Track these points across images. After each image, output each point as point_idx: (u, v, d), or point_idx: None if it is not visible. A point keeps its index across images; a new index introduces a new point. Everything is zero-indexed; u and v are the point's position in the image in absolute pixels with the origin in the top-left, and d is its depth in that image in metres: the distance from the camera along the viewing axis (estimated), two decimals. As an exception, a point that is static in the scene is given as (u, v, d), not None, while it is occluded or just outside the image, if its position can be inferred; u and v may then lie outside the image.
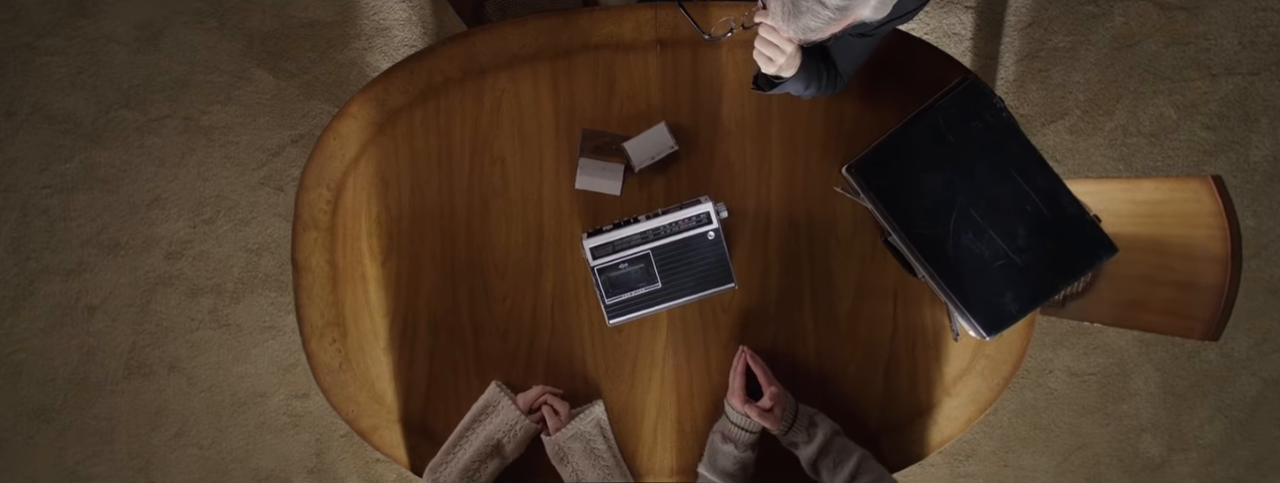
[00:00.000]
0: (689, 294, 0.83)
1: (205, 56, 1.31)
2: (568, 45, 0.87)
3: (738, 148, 0.89)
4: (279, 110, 1.33)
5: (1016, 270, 0.80)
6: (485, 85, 0.87)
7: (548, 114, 0.88)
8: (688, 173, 0.89)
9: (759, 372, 0.83)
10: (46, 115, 1.31)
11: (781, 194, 0.89)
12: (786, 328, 0.89)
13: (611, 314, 0.82)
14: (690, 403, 0.90)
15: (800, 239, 0.89)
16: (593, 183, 0.86)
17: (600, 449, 0.85)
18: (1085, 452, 1.46)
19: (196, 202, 1.33)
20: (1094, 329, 1.42)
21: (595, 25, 0.87)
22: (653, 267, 0.81)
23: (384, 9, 1.33)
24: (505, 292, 0.89)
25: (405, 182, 0.88)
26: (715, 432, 0.84)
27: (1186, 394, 1.44)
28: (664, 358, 0.89)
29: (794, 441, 0.81)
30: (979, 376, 0.90)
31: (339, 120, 0.87)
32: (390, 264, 0.89)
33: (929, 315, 0.90)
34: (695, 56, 0.87)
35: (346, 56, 1.34)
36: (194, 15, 1.31)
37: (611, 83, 0.88)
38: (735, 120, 0.88)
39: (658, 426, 0.89)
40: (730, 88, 0.88)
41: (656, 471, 0.90)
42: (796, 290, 0.89)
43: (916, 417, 0.90)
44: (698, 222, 0.81)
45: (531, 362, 0.89)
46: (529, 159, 0.88)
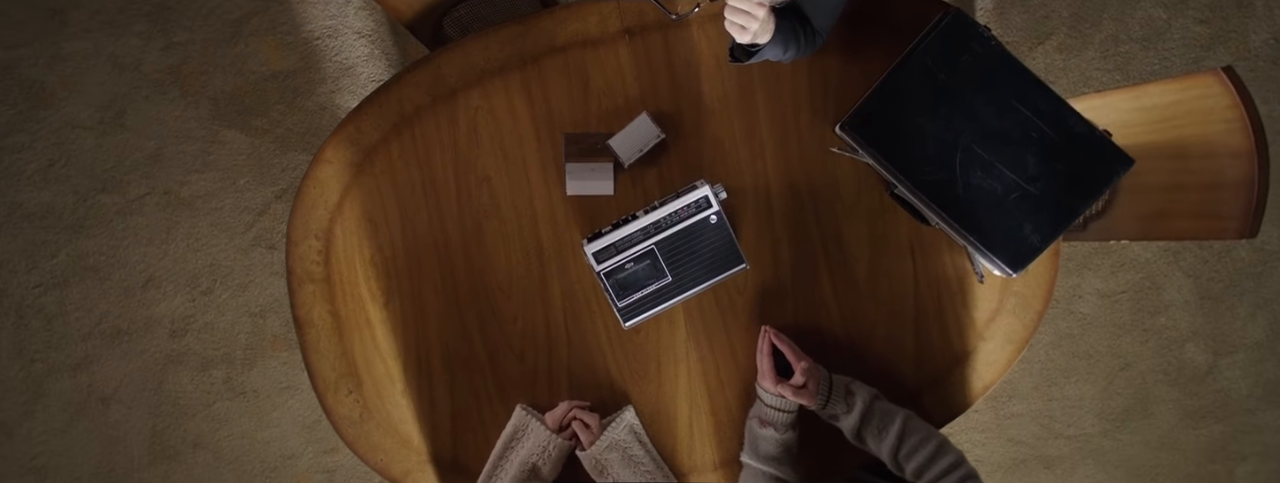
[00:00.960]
0: (701, 283, 0.78)
1: (173, 127, 1.27)
2: (534, 51, 0.83)
3: (725, 125, 0.84)
4: (257, 169, 1.28)
5: (1033, 201, 0.75)
6: (458, 106, 0.83)
7: (526, 125, 0.83)
8: (679, 160, 0.84)
9: (786, 349, 0.78)
10: (25, 213, 1.27)
11: (778, 165, 0.84)
12: (806, 300, 0.85)
13: (626, 316, 0.78)
14: (721, 393, 0.85)
15: (805, 207, 0.84)
16: (584, 187, 0.82)
17: (638, 455, 0.81)
18: (1129, 372, 1.40)
19: (191, 274, 1.29)
20: (1118, 247, 1.36)
21: (558, 26, 0.82)
22: (659, 261, 0.77)
23: (344, 49, 1.29)
24: (514, 312, 0.84)
25: (393, 218, 0.84)
26: (752, 418, 0.80)
27: (1223, 296, 1.38)
28: (687, 352, 0.84)
29: (834, 413, 0.76)
30: (1011, 314, 0.85)
31: (315, 168, 0.83)
32: (393, 305, 0.84)
33: (949, 262, 0.84)
34: (666, 40, 0.82)
35: (315, 102, 1.29)
36: (154, 88, 1.26)
37: (585, 81, 0.83)
38: (718, 98, 0.83)
39: (692, 421, 0.84)
40: (707, 66, 0.83)
41: (699, 467, 0.85)
42: (810, 260, 0.84)
43: (954, 367, 0.85)
44: (697, 207, 0.77)
45: (553, 379, 0.85)
46: (515, 174, 0.84)
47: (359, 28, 1.29)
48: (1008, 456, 1.43)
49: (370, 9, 1.29)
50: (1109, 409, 1.41)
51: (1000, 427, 1.42)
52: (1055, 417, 1.41)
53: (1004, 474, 1.44)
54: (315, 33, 1.28)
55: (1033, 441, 1.42)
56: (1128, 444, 1.42)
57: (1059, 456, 1.42)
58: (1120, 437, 1.41)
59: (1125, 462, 1.42)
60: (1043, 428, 1.42)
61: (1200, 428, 1.41)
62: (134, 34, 1.26)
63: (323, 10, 1.28)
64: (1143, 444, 1.42)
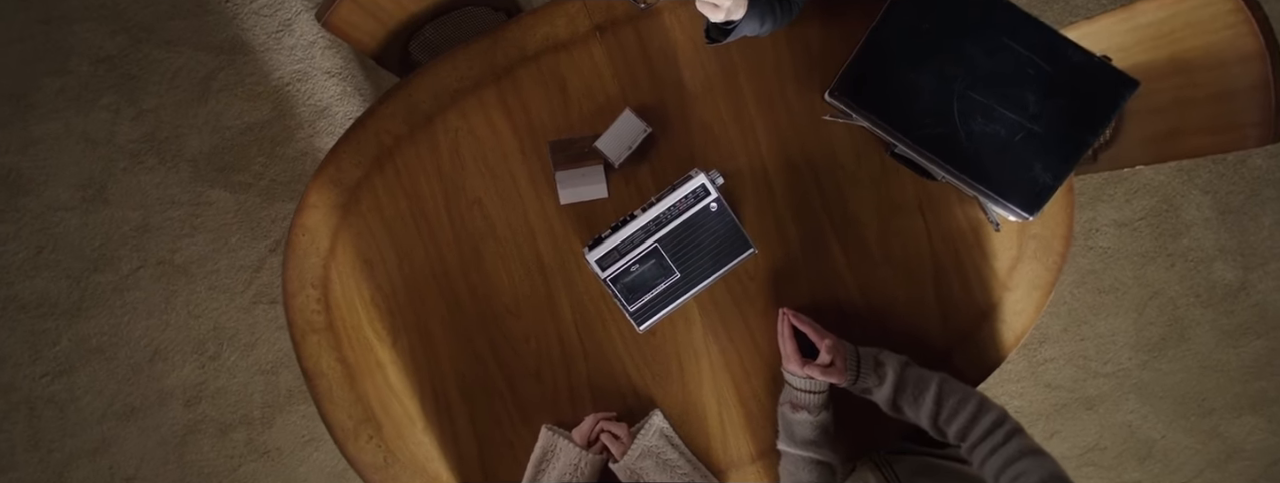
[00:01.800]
0: (711, 274, 0.74)
1: (157, 195, 1.23)
2: (505, 63, 0.79)
3: (711, 110, 0.79)
4: (247, 225, 1.24)
5: (1039, 140, 0.70)
6: (436, 131, 0.79)
7: (508, 139, 0.79)
8: (670, 152, 0.79)
9: (807, 329, 0.74)
10: (20, 304, 1.23)
11: (771, 142, 0.79)
12: (820, 275, 0.80)
13: (639, 319, 0.74)
14: (748, 383, 0.80)
15: (805, 181, 0.79)
16: (577, 194, 0.78)
17: (673, 459, 0.77)
18: (1159, 299, 1.34)
19: (196, 341, 1.25)
20: (1129, 174, 1.30)
21: (527, 34, 0.78)
22: (665, 258, 0.73)
23: (316, 91, 1.25)
24: (525, 332, 0.80)
25: (388, 255, 0.79)
26: (783, 403, 0.76)
27: (1244, 208, 1.32)
28: (706, 347, 0.80)
29: (866, 387, 0.72)
30: (1032, 259, 0.81)
31: (301, 216, 0.79)
32: (401, 342, 0.80)
33: (961, 215, 0.80)
34: (638, 31, 0.78)
35: (295, 149, 1.25)
36: (130, 158, 1.23)
37: (562, 86, 0.79)
38: (700, 83, 0.79)
39: (723, 416, 0.80)
40: (684, 52, 0.78)
41: (737, 462, 0.81)
42: (818, 234, 0.80)
43: (981, 321, 0.81)
44: (696, 197, 0.73)
45: (575, 393, 0.80)
46: (505, 191, 0.79)
47: (327, 68, 1.25)
48: (1047, 402, 1.38)
49: (336, 46, 1.25)
50: (1144, 340, 1.35)
51: (1035, 374, 1.37)
52: (1090, 356, 1.36)
53: (1046, 422, 1.38)
54: (284, 79, 1.24)
55: (1070, 383, 1.37)
56: (1168, 373, 1.36)
57: (1099, 395, 1.37)
58: (1160, 366, 1.36)
59: (1169, 391, 1.37)
60: (1079, 369, 1.36)
61: (1241, 346, 1.35)
62: (102, 108, 1.23)
63: (288, 56, 1.24)
64: (1184, 371, 1.36)
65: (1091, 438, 1.39)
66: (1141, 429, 1.38)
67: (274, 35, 1.24)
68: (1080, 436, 1.39)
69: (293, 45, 1.24)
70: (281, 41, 1.24)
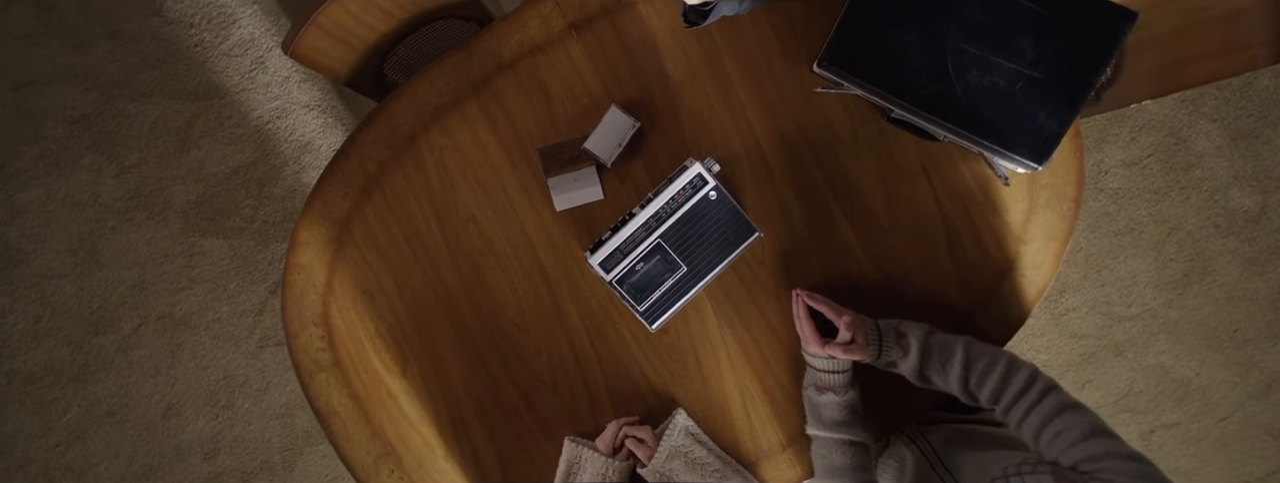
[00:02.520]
0: (718, 264, 0.71)
1: (149, 250, 1.20)
2: (483, 73, 0.75)
3: (699, 96, 0.75)
4: (243, 269, 1.21)
5: (1040, 86, 0.66)
6: (421, 151, 0.76)
7: (495, 151, 0.76)
8: (661, 144, 0.76)
9: (823, 308, 0.70)
10: (25, 377, 1.20)
11: (764, 122, 0.75)
12: (830, 252, 0.76)
13: (650, 319, 0.71)
14: (769, 371, 0.77)
15: (803, 157, 0.76)
16: (572, 198, 0.75)
17: (702, 457, 0.74)
18: (1177, 234, 1.29)
19: (208, 392, 1.22)
20: (1133, 111, 1.26)
21: (501, 41, 0.75)
22: (669, 253, 0.70)
23: (297, 126, 1.21)
24: (536, 345, 0.76)
25: (387, 283, 0.76)
26: (807, 387, 0.73)
27: (1255, 132, 1.27)
28: (722, 338, 0.76)
29: (890, 360, 0.69)
30: (1045, 209, 0.77)
31: (294, 254, 0.76)
32: (411, 371, 0.76)
33: (968, 173, 0.76)
34: (614, 24, 0.75)
35: (283, 187, 1.21)
36: (118, 217, 1.19)
37: (544, 90, 0.76)
38: (684, 70, 0.75)
39: (748, 407, 0.77)
40: (664, 40, 0.75)
41: (766, 452, 0.77)
42: (823, 209, 0.76)
43: (1001, 279, 0.77)
44: (694, 187, 0.70)
45: (594, 401, 0.77)
46: (498, 205, 0.76)
47: (305, 101, 1.21)
48: (1075, 353, 1.33)
49: (311, 79, 1.22)
50: (1166, 278, 1.31)
51: (1059, 326, 1.32)
52: (1113, 301, 1.31)
53: (1075, 373, 1.34)
54: (263, 118, 1.20)
55: (1096, 331, 1.32)
56: (1196, 308, 1.32)
57: (1127, 339, 1.33)
58: (1186, 303, 1.31)
59: (1198, 327, 1.32)
60: (1103, 316, 1.32)
61: (1267, 273, 1.30)
62: (83, 168, 1.19)
63: (264, 94, 1.21)
64: (1211, 304, 1.32)
65: (1124, 384, 1.34)
66: (1175, 369, 1.33)
67: (248, 75, 1.21)
68: (1113, 383, 1.34)
69: (268, 82, 1.20)
70: (256, 80, 1.21)
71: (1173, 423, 1.35)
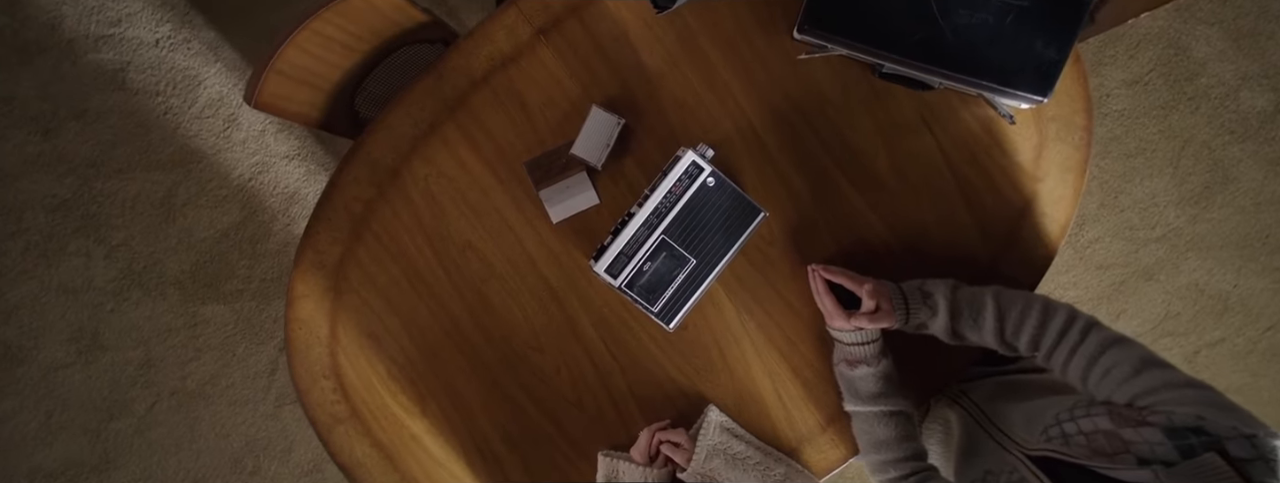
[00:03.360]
0: (727, 252, 0.67)
1: (151, 327, 1.17)
2: (456, 94, 0.72)
3: (681, 82, 0.71)
4: (249, 331, 1.17)
5: (1031, 14, 0.61)
6: (406, 183, 0.72)
7: (481, 172, 0.72)
8: (650, 137, 0.72)
9: (842, 280, 0.66)
10: (46, 474, 1.17)
11: (751, 99, 0.71)
12: (840, 221, 0.72)
13: (665, 318, 0.68)
14: (797, 353, 0.73)
15: (797, 128, 0.71)
16: (567, 208, 0.71)
17: (741, 451, 0.70)
18: (1192, 147, 1.23)
19: (233, 460, 1.19)
20: (1126, 30, 1.20)
21: (469, 58, 0.71)
22: (675, 249, 0.66)
23: (279, 179, 1.17)
24: (554, 364, 0.72)
25: (393, 324, 0.72)
26: (838, 363, 0.69)
27: (1257, 29, 1.21)
28: (743, 326, 0.73)
29: (920, 322, 0.64)
30: (1056, 142, 0.72)
31: (292, 309, 0.72)
32: (430, 409, 0.73)
33: (970, 118, 0.71)
34: (583, 23, 0.71)
35: (276, 243, 1.17)
36: (114, 297, 1.16)
37: (521, 101, 0.72)
38: (661, 58, 0.71)
39: (780, 393, 0.73)
40: (636, 31, 0.70)
41: (807, 436, 0.73)
42: (826, 179, 0.72)
43: (1020, 222, 0.73)
44: (690, 176, 0.66)
45: (622, 412, 0.73)
46: (493, 227, 0.73)
47: (284, 152, 1.17)
48: (1104, 285, 1.28)
49: (287, 128, 1.18)
50: (1187, 194, 1.25)
51: (1084, 260, 1.27)
52: (1135, 226, 1.26)
53: (1108, 305, 1.29)
54: (245, 175, 1.16)
55: (1123, 259, 1.27)
56: (1222, 220, 1.26)
57: (1156, 262, 1.27)
58: (1211, 216, 1.25)
59: (1227, 238, 1.26)
60: (1127, 242, 1.26)
61: (1290, 173, 1.25)
62: (71, 255, 1.16)
63: (241, 151, 1.17)
64: (1238, 213, 1.26)
65: (1160, 309, 1.29)
66: (1210, 284, 1.28)
67: (222, 134, 1.17)
68: (1148, 309, 1.29)
69: (243, 139, 1.17)
70: (231, 138, 1.17)
71: (1217, 340, 1.29)
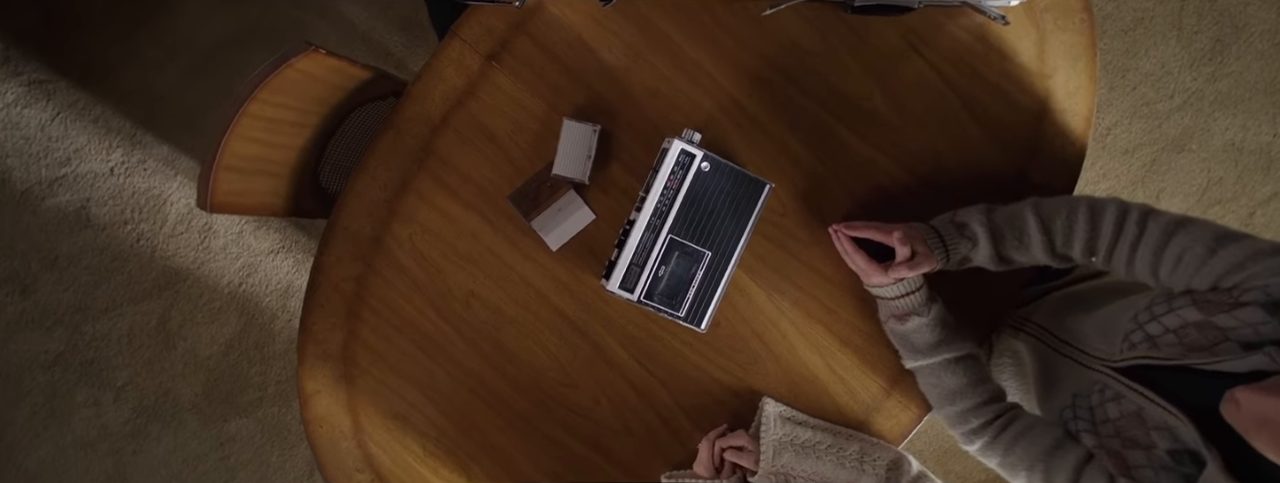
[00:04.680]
0: (741, 235, 0.64)
1: (179, 459, 1.14)
2: (419, 143, 0.68)
3: (649, 72, 0.67)
4: (278, 438, 1.14)
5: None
6: (391, 249, 0.69)
7: (466, 217, 0.68)
8: (632, 137, 0.68)
9: (868, 233, 0.61)
10: None
11: (725, 70, 0.67)
12: (850, 172, 0.68)
13: (695, 320, 0.65)
14: (840, 321, 0.69)
15: (781, 88, 0.67)
16: (564, 232, 0.68)
17: (809, 439, 0.65)
18: (1191, 3, 1.16)
19: None
20: None
21: (423, 104, 0.67)
22: (687, 245, 0.63)
23: (270, 276, 1.15)
24: (591, 395, 0.69)
25: (415, 398, 0.68)
26: (886, 321, 0.64)
27: None
28: (777, 308, 0.69)
29: (963, 256, 0.60)
30: (1057, 32, 0.67)
31: (308, 408, 0.69)
32: (476, 475, 0.70)
33: (959, 30, 0.66)
34: (531, 37, 0.67)
35: (283, 342, 1.14)
36: (134, 439, 1.13)
37: (489, 134, 0.68)
38: (621, 52, 0.67)
39: (833, 367, 0.69)
40: (588, 31, 0.67)
41: (872, 405, 0.69)
42: (825, 133, 0.67)
43: (1039, 124, 0.68)
44: (683, 167, 0.62)
45: (674, 428, 0.70)
46: (492, 270, 0.69)
47: (267, 248, 1.14)
48: (1135, 169, 1.21)
49: (264, 224, 1.15)
50: (1198, 54, 1.18)
51: (1107, 148, 1.21)
52: (1151, 100, 1.19)
53: (1144, 188, 1.22)
54: (234, 281, 1.13)
55: (1147, 138, 1.21)
56: (1242, 71, 1.19)
57: (1182, 132, 1.21)
58: (1229, 70, 1.18)
59: (1252, 88, 1.19)
60: (1147, 119, 1.20)
61: (1302, 5, 1.18)
62: (80, 406, 1.13)
63: (224, 257, 1.14)
64: (1258, 59, 1.18)
65: (1200, 178, 1.22)
66: (1248, 141, 1.21)
67: (200, 247, 1.15)
68: (1188, 182, 1.22)
69: (223, 245, 1.14)
70: (210, 248, 1.14)
71: (1270, 196, 1.22)
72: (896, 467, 0.64)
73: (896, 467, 0.64)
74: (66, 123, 1.16)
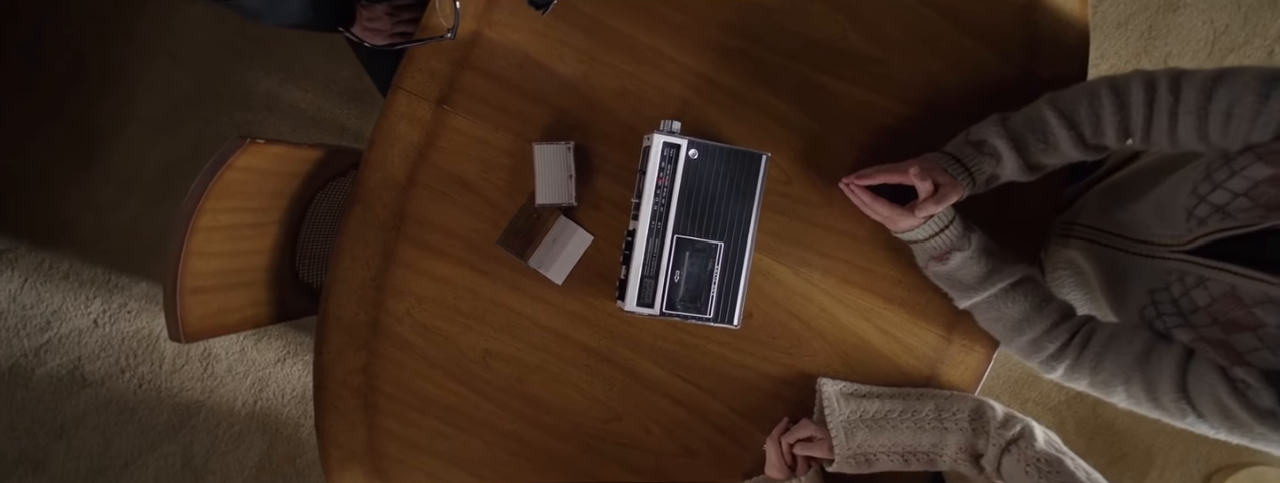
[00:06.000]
0: (750, 215, 0.61)
1: None
2: (391, 212, 0.65)
3: (608, 73, 0.65)
4: None
5: None
6: (391, 328, 0.66)
7: (460, 274, 0.66)
8: (609, 145, 0.65)
9: (882, 178, 0.58)
10: None
11: (687, 50, 0.65)
12: (846, 121, 0.64)
13: (725, 317, 0.61)
14: (876, 277, 0.65)
15: (749, 53, 0.65)
16: (565, 262, 0.65)
17: (878, 410, 0.62)
18: None
19: None
20: None
21: (383, 169, 0.65)
22: (695, 242, 0.60)
23: (283, 386, 1.14)
24: (640, 424, 0.66)
25: (458, 477, 0.68)
26: (926, 265, 0.61)
27: None
28: (808, 281, 0.65)
29: (989, 175, 0.57)
30: None
31: None
32: None
33: None
34: (476, 70, 0.64)
35: (314, 449, 1.11)
36: None
37: (460, 181, 0.65)
38: (575, 60, 0.64)
39: (882, 328, 0.65)
40: (534, 47, 0.64)
41: (933, 356, 0.66)
42: (808, 85, 0.65)
43: (1032, 14, 0.64)
44: (670, 160, 0.60)
45: (736, 436, 0.66)
46: (502, 322, 0.66)
47: (272, 358, 1.13)
48: (1133, 40, 1.18)
49: (263, 334, 1.14)
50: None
51: (1099, 27, 1.18)
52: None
53: (1147, 56, 1.18)
54: (248, 400, 1.12)
55: (1136, 4, 1.18)
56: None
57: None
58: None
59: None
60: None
61: None
62: None
63: (232, 379, 1.14)
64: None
65: (1204, 31, 1.17)
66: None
67: (205, 376, 1.13)
68: (1193, 37, 1.17)
69: (228, 367, 1.13)
70: (215, 374, 1.14)
71: (1286, 27, 1.17)
72: (979, 415, 0.59)
73: (979, 415, 0.59)
74: (36, 287, 1.15)
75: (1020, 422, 0.58)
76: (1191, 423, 0.48)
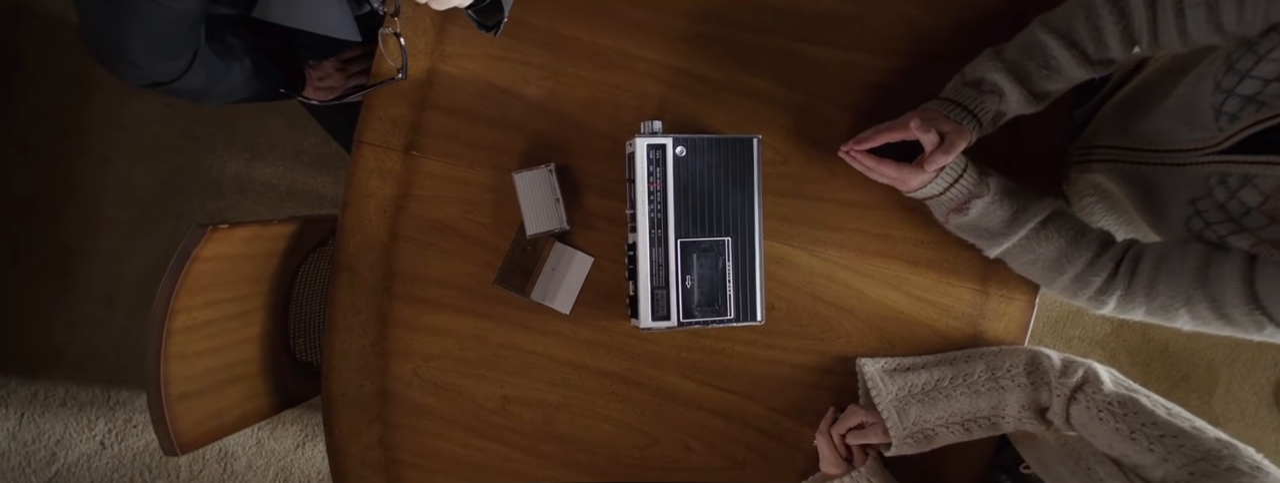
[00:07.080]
0: (753, 204, 0.59)
1: None
2: (378, 272, 0.63)
3: (576, 85, 0.62)
4: None
5: None
6: (400, 393, 0.63)
7: (462, 324, 0.63)
8: (591, 159, 0.62)
9: (882, 138, 0.56)
10: None
11: (653, 45, 0.62)
12: (830, 86, 0.62)
13: (747, 316, 0.59)
14: (896, 242, 0.62)
15: (721, 36, 0.61)
16: (569, 289, 0.63)
17: (926, 381, 0.59)
18: None
19: None
20: None
21: (362, 228, 0.62)
22: (701, 243, 0.58)
23: (308, 469, 1.18)
24: (679, 445, 0.64)
25: None
26: (945, 220, 0.58)
27: None
28: (825, 260, 0.63)
29: (994, 113, 0.54)
30: None
31: None
32: None
33: None
34: (438, 108, 0.62)
35: None
36: None
37: (445, 228, 0.63)
38: (538, 77, 0.62)
39: (913, 294, 0.63)
40: (494, 72, 0.61)
41: (975, 313, 0.62)
42: (785, 58, 0.62)
43: None
44: (657, 162, 0.57)
45: (783, 437, 0.64)
46: (514, 364, 0.63)
47: (289, 446, 1.16)
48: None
49: (277, 422, 1.13)
50: None
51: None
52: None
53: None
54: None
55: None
56: None
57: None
58: None
59: None
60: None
61: None
62: None
63: (251, 474, 1.17)
64: None
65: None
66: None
67: (225, 476, 1.15)
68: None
69: (247, 463, 1.12)
70: (235, 472, 1.13)
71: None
72: (1035, 367, 0.56)
73: (1035, 367, 0.56)
74: (34, 420, 1.11)
75: (1081, 366, 0.54)
76: (1271, 334, 0.44)
